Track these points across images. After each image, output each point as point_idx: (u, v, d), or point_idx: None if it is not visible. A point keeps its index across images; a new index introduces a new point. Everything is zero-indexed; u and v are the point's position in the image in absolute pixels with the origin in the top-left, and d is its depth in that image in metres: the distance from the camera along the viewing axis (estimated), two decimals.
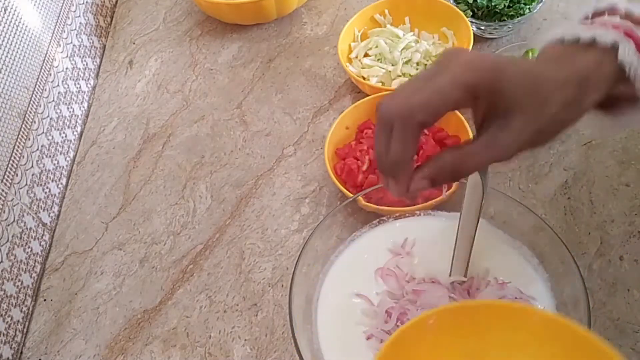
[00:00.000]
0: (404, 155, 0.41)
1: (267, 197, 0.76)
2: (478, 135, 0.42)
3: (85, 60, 0.94)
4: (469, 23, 0.81)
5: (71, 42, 0.90)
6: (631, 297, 0.61)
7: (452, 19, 0.84)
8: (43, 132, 0.79)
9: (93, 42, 0.97)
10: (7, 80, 0.73)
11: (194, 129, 0.85)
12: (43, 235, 0.76)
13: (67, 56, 0.88)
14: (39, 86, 0.80)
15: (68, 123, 0.86)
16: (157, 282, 0.71)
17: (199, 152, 0.82)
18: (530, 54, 0.77)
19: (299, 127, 0.82)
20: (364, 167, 0.70)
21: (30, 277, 0.73)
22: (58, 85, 0.85)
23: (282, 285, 0.68)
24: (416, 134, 0.40)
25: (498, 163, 0.41)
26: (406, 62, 0.82)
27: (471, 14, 0.83)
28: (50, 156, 0.80)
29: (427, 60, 0.83)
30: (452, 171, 0.42)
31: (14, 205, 0.71)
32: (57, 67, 0.85)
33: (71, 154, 0.86)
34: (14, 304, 0.69)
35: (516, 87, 0.39)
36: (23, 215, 0.72)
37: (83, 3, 0.96)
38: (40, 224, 0.76)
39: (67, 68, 0.88)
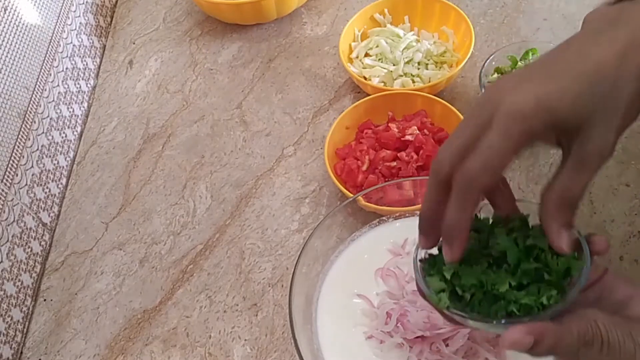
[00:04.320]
0: (462, 222, 0.39)
1: (267, 197, 0.76)
2: (563, 159, 0.39)
3: (85, 60, 0.94)
4: (469, 22, 0.81)
5: (71, 42, 0.90)
6: None
7: (452, 18, 0.84)
8: (43, 132, 0.79)
9: (93, 42, 0.97)
10: (7, 80, 0.73)
11: (194, 129, 0.85)
12: (43, 235, 0.76)
13: (67, 56, 0.88)
14: (39, 86, 0.80)
15: (68, 123, 0.86)
16: (157, 282, 0.71)
17: (199, 152, 0.82)
18: (530, 54, 0.77)
19: (299, 127, 0.82)
20: (364, 167, 0.70)
21: (30, 277, 0.73)
22: (58, 85, 0.85)
23: (282, 285, 0.68)
24: (477, 198, 0.38)
25: None
26: (407, 62, 0.82)
27: None
28: (50, 156, 0.80)
29: (428, 60, 0.83)
30: (562, 205, 0.39)
31: (14, 205, 0.71)
32: (57, 67, 0.85)
33: (71, 154, 0.86)
34: (14, 304, 0.69)
35: (575, 106, 0.36)
36: (23, 215, 0.72)
37: (83, 3, 0.96)
38: (40, 224, 0.76)
39: (67, 68, 0.88)
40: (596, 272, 0.42)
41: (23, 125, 0.75)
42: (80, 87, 0.91)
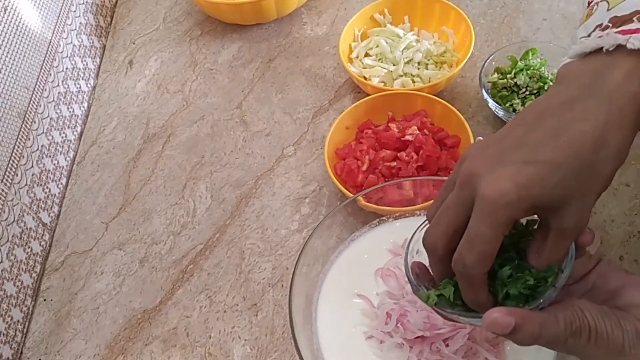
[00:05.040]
0: (480, 299, 0.41)
1: (267, 197, 0.76)
2: (541, 227, 0.41)
3: (85, 60, 0.94)
4: (469, 22, 0.81)
5: (71, 42, 0.90)
6: None
7: (452, 18, 0.84)
8: (43, 132, 0.79)
9: (93, 42, 0.97)
10: (7, 80, 0.73)
11: (194, 129, 0.85)
12: (43, 235, 0.76)
13: (67, 56, 0.88)
14: (39, 86, 0.80)
15: (68, 123, 0.86)
16: (157, 282, 0.71)
17: (199, 152, 0.82)
18: (530, 54, 0.77)
19: (299, 127, 0.82)
20: (364, 167, 0.70)
21: (30, 277, 0.73)
22: (58, 85, 0.85)
23: (282, 285, 0.68)
24: (484, 279, 0.40)
25: None
26: (407, 62, 0.82)
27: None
28: (50, 156, 0.80)
29: (428, 60, 0.83)
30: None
31: (14, 205, 0.71)
32: (57, 67, 0.85)
33: (71, 154, 0.86)
34: (14, 304, 0.69)
35: (554, 192, 0.37)
36: (23, 215, 0.72)
37: (83, 3, 0.96)
38: (40, 224, 0.76)
39: (67, 68, 0.88)
40: (589, 262, 0.43)
41: (23, 125, 0.75)
42: (80, 87, 0.91)
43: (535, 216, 0.41)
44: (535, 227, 0.42)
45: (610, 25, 0.41)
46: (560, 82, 0.42)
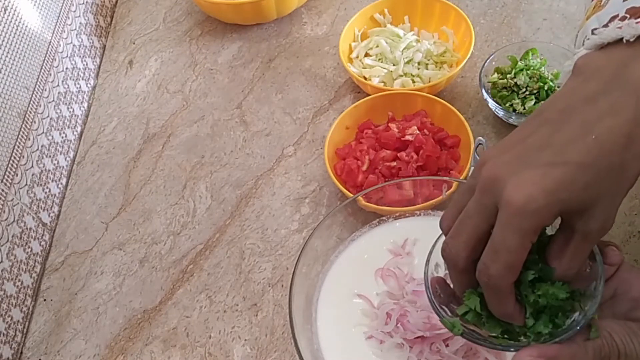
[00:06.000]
0: (508, 309, 0.39)
1: (267, 197, 0.76)
2: (563, 227, 0.39)
3: (85, 60, 0.94)
4: (469, 22, 0.81)
5: (71, 42, 0.90)
6: None
7: (451, 18, 0.84)
8: (43, 132, 0.79)
9: (93, 42, 0.97)
10: (7, 80, 0.73)
11: (194, 129, 0.85)
12: (43, 235, 0.76)
13: (67, 56, 0.88)
14: (39, 86, 0.80)
15: (68, 123, 0.86)
16: (157, 282, 0.71)
17: (199, 152, 0.82)
18: (530, 54, 0.77)
19: (299, 127, 0.82)
20: (364, 167, 0.70)
21: (30, 277, 0.73)
22: (58, 85, 0.85)
23: (282, 285, 0.68)
24: (511, 289, 0.38)
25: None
26: (407, 62, 0.82)
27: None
28: (50, 156, 0.80)
29: (428, 60, 0.83)
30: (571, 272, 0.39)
31: (14, 205, 0.71)
32: (57, 67, 0.85)
33: (71, 154, 0.86)
34: (14, 304, 0.69)
35: (583, 195, 0.35)
36: (23, 215, 0.72)
37: (83, 3, 0.96)
38: (40, 224, 0.76)
39: (67, 68, 0.88)
40: (611, 267, 0.42)
41: (23, 125, 0.75)
42: (80, 87, 0.91)
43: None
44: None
45: (628, 16, 0.39)
46: (580, 74, 0.39)
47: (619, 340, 0.37)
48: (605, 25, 0.41)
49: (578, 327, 0.39)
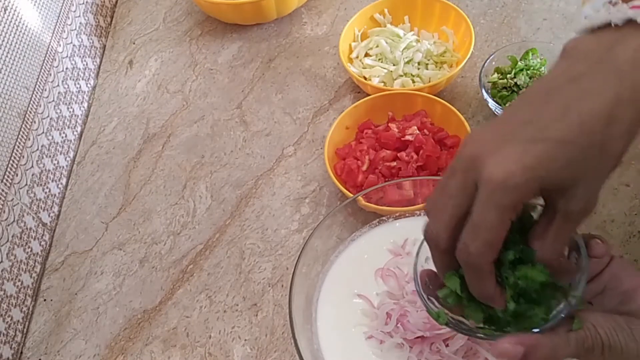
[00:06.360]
0: (487, 288, 0.39)
1: (267, 197, 0.76)
2: (546, 209, 0.39)
3: (85, 60, 0.94)
4: (469, 22, 0.81)
5: (71, 42, 0.90)
6: None
7: (452, 18, 0.84)
8: (43, 132, 0.79)
9: (93, 42, 0.97)
10: (7, 80, 0.73)
11: (194, 129, 0.85)
12: (43, 235, 0.76)
13: (67, 56, 0.88)
14: (39, 86, 0.80)
15: (68, 123, 0.86)
16: (157, 282, 0.71)
17: (199, 152, 0.82)
18: (530, 54, 0.77)
19: (299, 127, 0.82)
20: (364, 167, 0.70)
21: (30, 277, 0.73)
22: (58, 85, 0.85)
23: (282, 285, 0.68)
24: (491, 268, 0.38)
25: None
26: (407, 62, 0.82)
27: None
28: (50, 156, 0.80)
29: (429, 60, 0.83)
30: (554, 255, 0.39)
31: (14, 205, 0.71)
32: (57, 67, 0.85)
33: (71, 154, 0.86)
34: (14, 304, 0.69)
35: (563, 173, 0.35)
36: (23, 215, 0.72)
37: (83, 3, 0.96)
38: (40, 224, 0.76)
39: (67, 68, 0.88)
40: (602, 260, 0.41)
41: (23, 125, 0.75)
42: (80, 87, 0.91)
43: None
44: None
45: (620, 1, 0.40)
46: (567, 57, 0.39)
47: (603, 333, 0.37)
48: (598, 11, 0.41)
49: (561, 317, 0.39)
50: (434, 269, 0.44)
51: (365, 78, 0.82)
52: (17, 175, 0.72)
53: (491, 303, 0.39)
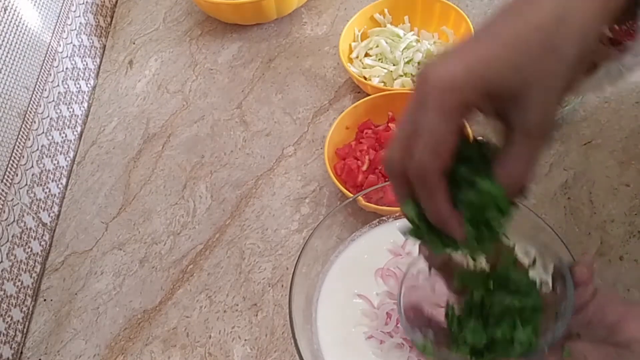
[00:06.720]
0: (440, 207, 0.36)
1: (267, 197, 0.76)
2: (507, 132, 0.37)
3: (85, 60, 0.94)
4: (469, 22, 0.81)
5: (71, 42, 0.90)
6: (631, 297, 0.61)
7: (452, 18, 0.84)
8: (43, 132, 0.79)
9: (93, 42, 0.97)
10: (7, 80, 0.73)
11: (194, 129, 0.85)
12: (43, 235, 0.76)
13: (67, 56, 0.88)
14: (39, 86, 0.80)
15: (68, 123, 0.86)
16: (157, 282, 0.71)
17: (199, 152, 0.82)
18: None
19: (299, 127, 0.82)
20: (364, 167, 0.70)
21: (30, 277, 0.73)
22: (58, 85, 0.85)
23: (282, 285, 0.68)
24: (439, 181, 0.36)
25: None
26: (407, 62, 0.82)
27: None
28: (50, 156, 0.80)
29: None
30: (519, 188, 0.37)
31: (14, 205, 0.71)
32: (57, 67, 0.85)
33: (71, 154, 0.86)
34: (14, 304, 0.69)
35: (508, 73, 0.33)
36: (23, 215, 0.72)
37: (83, 3, 0.96)
38: (40, 224, 0.76)
39: (67, 68, 0.88)
40: (586, 292, 0.40)
41: (23, 125, 0.75)
42: (80, 87, 0.91)
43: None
44: None
45: None
46: None
47: None
48: None
49: (546, 346, 0.38)
50: (421, 292, 0.44)
51: (365, 78, 0.82)
52: (17, 175, 0.72)
53: (447, 228, 0.37)
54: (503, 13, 0.36)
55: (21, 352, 0.69)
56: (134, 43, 0.98)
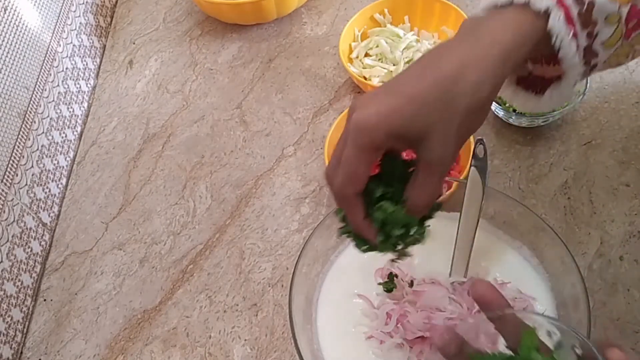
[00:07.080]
0: (356, 221, 0.46)
1: (267, 197, 0.76)
2: (417, 165, 0.45)
3: (85, 60, 0.94)
4: None
5: (71, 42, 0.90)
6: (631, 297, 0.61)
7: (452, 18, 0.84)
8: (43, 132, 0.79)
9: (93, 42, 0.97)
10: (7, 80, 0.73)
11: (194, 129, 0.85)
12: (43, 235, 0.76)
13: (67, 56, 0.88)
14: (39, 86, 0.80)
15: (68, 123, 0.86)
16: (157, 282, 0.71)
17: (199, 152, 0.82)
18: None
19: (299, 127, 0.82)
20: None
21: (30, 277, 0.73)
22: (58, 85, 0.85)
23: (282, 285, 0.68)
24: (353, 201, 0.44)
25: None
26: (407, 62, 0.82)
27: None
28: (50, 156, 0.80)
29: None
30: (422, 208, 0.45)
31: (14, 205, 0.71)
32: (57, 67, 0.85)
33: (71, 154, 0.86)
34: (14, 304, 0.69)
35: (411, 121, 0.41)
36: (23, 215, 0.72)
37: (83, 3, 0.96)
38: (40, 224, 0.76)
39: (67, 68, 0.88)
40: None
41: (23, 125, 0.75)
42: (80, 87, 0.91)
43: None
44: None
45: None
46: (457, 31, 0.46)
47: None
48: None
49: None
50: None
51: (365, 78, 0.82)
52: (17, 175, 0.72)
53: (363, 233, 0.46)
54: (417, 64, 0.43)
55: (21, 352, 0.69)
56: (134, 43, 0.98)
